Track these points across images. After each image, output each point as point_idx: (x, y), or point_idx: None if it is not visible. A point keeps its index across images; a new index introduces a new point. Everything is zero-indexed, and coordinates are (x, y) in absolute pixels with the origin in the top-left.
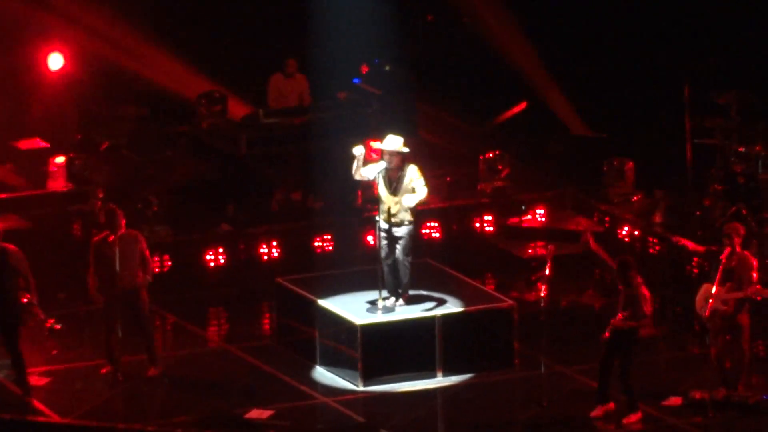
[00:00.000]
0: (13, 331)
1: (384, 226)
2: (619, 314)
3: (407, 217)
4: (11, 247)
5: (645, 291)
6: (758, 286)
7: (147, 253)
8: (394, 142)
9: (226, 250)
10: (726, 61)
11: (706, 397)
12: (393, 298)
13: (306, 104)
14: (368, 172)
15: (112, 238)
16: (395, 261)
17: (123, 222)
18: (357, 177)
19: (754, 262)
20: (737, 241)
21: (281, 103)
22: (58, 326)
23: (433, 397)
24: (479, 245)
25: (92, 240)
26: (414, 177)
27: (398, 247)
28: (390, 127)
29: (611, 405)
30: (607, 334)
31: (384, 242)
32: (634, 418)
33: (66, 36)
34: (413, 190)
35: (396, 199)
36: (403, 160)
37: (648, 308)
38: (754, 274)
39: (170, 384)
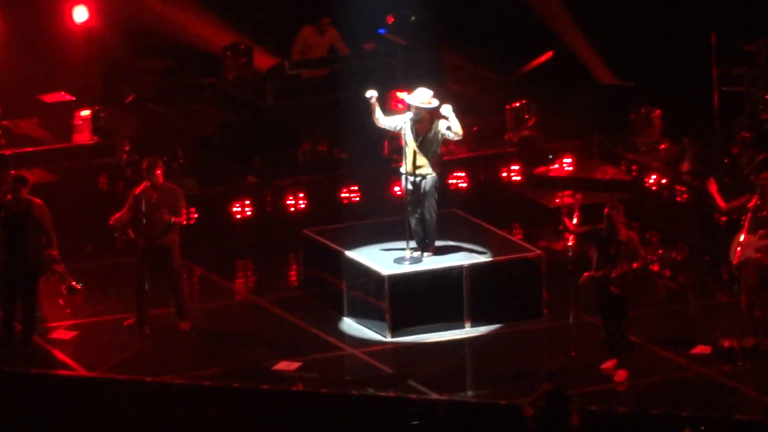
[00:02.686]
0: (32, 284)
1: (409, 177)
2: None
3: (432, 168)
4: (37, 200)
5: (633, 234)
6: None
7: (182, 204)
8: (421, 96)
9: (252, 202)
10: (753, 8)
11: (735, 345)
12: (420, 250)
13: (342, 55)
14: (392, 121)
15: (138, 191)
16: (422, 212)
17: (160, 175)
18: (379, 125)
19: None
20: None
21: (306, 55)
22: (79, 286)
23: (461, 347)
24: (506, 195)
25: (134, 191)
26: (443, 127)
27: (424, 197)
28: (416, 77)
29: (614, 360)
30: (616, 290)
31: (410, 193)
32: (623, 374)
33: None
34: (443, 147)
35: (422, 151)
36: (431, 113)
37: (642, 250)
38: None
39: (197, 337)
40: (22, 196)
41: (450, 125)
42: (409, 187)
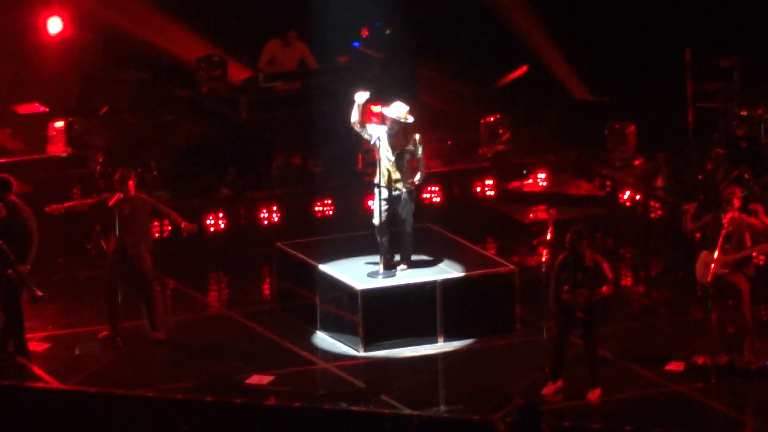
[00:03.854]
0: (16, 291)
1: (384, 190)
2: (584, 290)
3: (408, 182)
4: (20, 203)
5: (599, 257)
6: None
7: (167, 209)
8: (398, 110)
9: (226, 215)
10: (728, 24)
11: (709, 362)
12: (395, 264)
13: (312, 68)
14: (367, 129)
15: (112, 202)
16: (398, 226)
17: (132, 186)
18: (355, 126)
19: (754, 222)
20: (733, 205)
21: (274, 68)
22: (39, 293)
23: (434, 362)
24: (480, 209)
25: (109, 203)
26: (418, 149)
27: (401, 212)
28: (391, 91)
29: (561, 382)
30: (581, 314)
31: (384, 207)
32: (597, 394)
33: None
34: (413, 161)
35: (398, 165)
36: (405, 127)
37: (609, 273)
38: (748, 236)
39: (170, 349)
40: (8, 199)
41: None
42: (383, 200)
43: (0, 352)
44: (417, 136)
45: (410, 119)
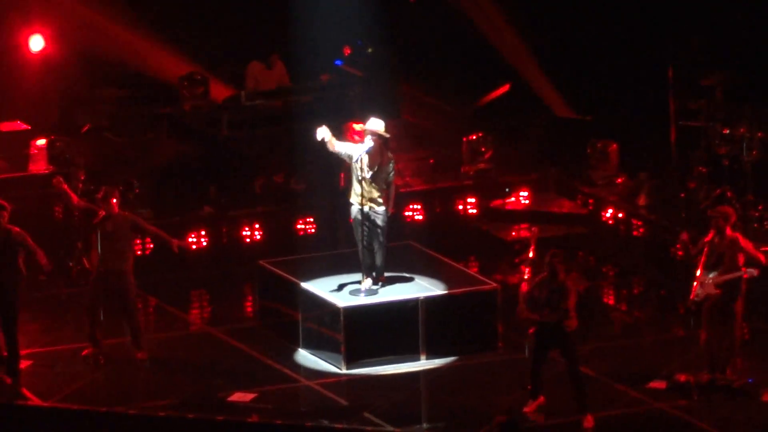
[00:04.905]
0: (12, 313)
1: (357, 208)
2: (546, 309)
3: (382, 200)
4: (15, 228)
5: (570, 284)
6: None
7: (152, 228)
8: (376, 124)
9: (208, 233)
10: (711, 43)
11: (691, 380)
12: (369, 280)
13: (293, 87)
14: (345, 148)
15: (96, 220)
16: (371, 242)
17: (116, 205)
18: (332, 149)
19: (746, 244)
20: (725, 224)
21: (258, 89)
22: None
23: (416, 379)
24: (462, 227)
25: (93, 221)
26: (391, 173)
27: (375, 228)
28: (373, 109)
29: (542, 399)
30: (531, 330)
31: (359, 224)
32: (590, 420)
33: (47, 17)
34: (388, 180)
35: (374, 182)
36: (382, 145)
37: (572, 301)
38: (741, 256)
39: (152, 367)
40: (2, 225)
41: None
42: (359, 217)
43: (13, 376)
44: (390, 155)
45: (386, 135)
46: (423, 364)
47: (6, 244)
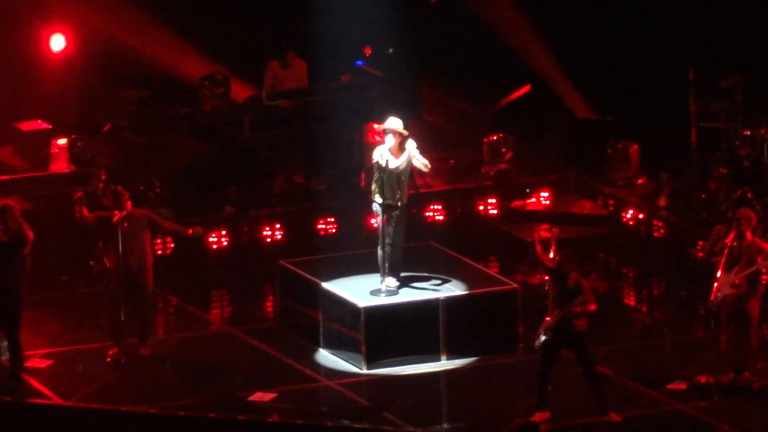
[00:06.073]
0: (14, 315)
1: (378, 206)
2: (557, 311)
3: (401, 198)
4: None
5: (585, 284)
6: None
7: (166, 222)
8: (395, 123)
9: (228, 233)
10: (732, 44)
11: (711, 381)
12: (390, 279)
13: (313, 87)
14: (378, 151)
15: (116, 219)
16: (391, 242)
17: (129, 203)
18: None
19: (765, 247)
20: (746, 228)
21: (277, 89)
22: None
23: (436, 380)
24: (483, 228)
25: (112, 222)
26: (413, 157)
27: (394, 226)
28: (393, 109)
29: (548, 414)
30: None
31: (380, 222)
32: (615, 417)
33: (68, 17)
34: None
35: (392, 180)
36: (401, 143)
37: (591, 298)
38: (760, 259)
39: (173, 366)
40: (9, 225)
41: (418, 158)
42: (379, 216)
43: (16, 379)
44: (411, 151)
45: (405, 132)
46: (443, 364)
47: (11, 245)
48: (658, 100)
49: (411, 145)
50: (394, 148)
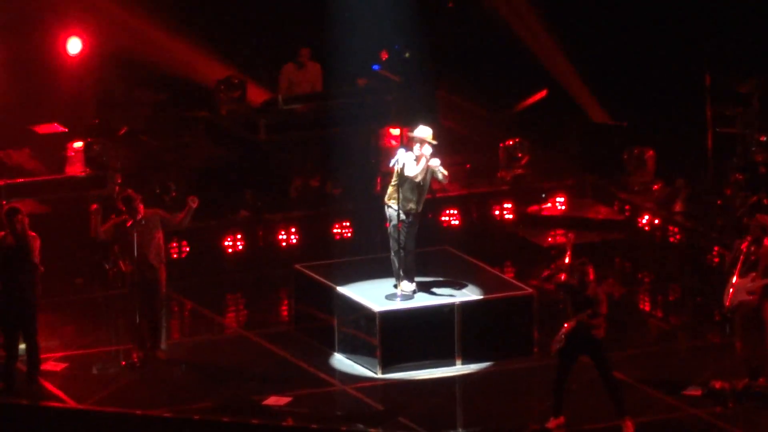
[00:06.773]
0: (30, 319)
1: (393, 211)
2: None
3: (417, 204)
4: (31, 233)
5: (602, 293)
6: None
7: (172, 214)
8: (424, 131)
9: (244, 237)
10: (748, 50)
11: (727, 387)
12: (405, 283)
13: (331, 91)
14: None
15: (130, 223)
16: (405, 246)
17: (141, 207)
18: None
19: None
20: (762, 234)
21: (292, 92)
22: None
23: (451, 384)
24: (499, 233)
25: (127, 224)
26: (434, 166)
27: (408, 231)
28: (410, 114)
29: (563, 419)
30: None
31: (394, 227)
32: (630, 425)
33: (85, 20)
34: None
35: (410, 186)
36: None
37: (604, 308)
38: None
39: (188, 370)
40: (17, 229)
41: (437, 167)
42: (393, 221)
43: (33, 383)
44: (432, 160)
45: (434, 142)
46: (458, 369)
47: (21, 249)
48: (674, 105)
49: (428, 151)
50: (419, 156)
